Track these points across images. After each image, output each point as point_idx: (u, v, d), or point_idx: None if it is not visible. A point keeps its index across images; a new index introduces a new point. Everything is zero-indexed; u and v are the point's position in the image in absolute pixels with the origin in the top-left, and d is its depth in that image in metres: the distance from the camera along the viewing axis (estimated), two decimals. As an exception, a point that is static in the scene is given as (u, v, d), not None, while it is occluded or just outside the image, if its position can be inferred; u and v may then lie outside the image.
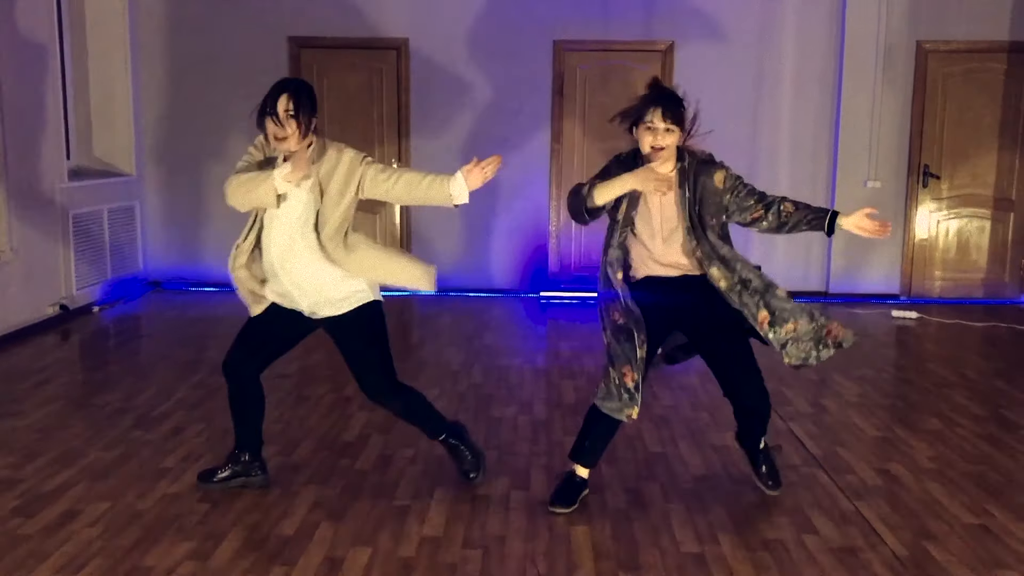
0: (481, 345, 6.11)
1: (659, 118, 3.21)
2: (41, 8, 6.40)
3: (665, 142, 3.23)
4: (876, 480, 3.78)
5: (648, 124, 3.22)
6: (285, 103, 3.24)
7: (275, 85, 3.31)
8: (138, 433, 4.23)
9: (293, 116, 3.23)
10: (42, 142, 6.43)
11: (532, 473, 3.81)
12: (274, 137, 3.26)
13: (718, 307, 3.31)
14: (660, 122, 3.22)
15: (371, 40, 7.75)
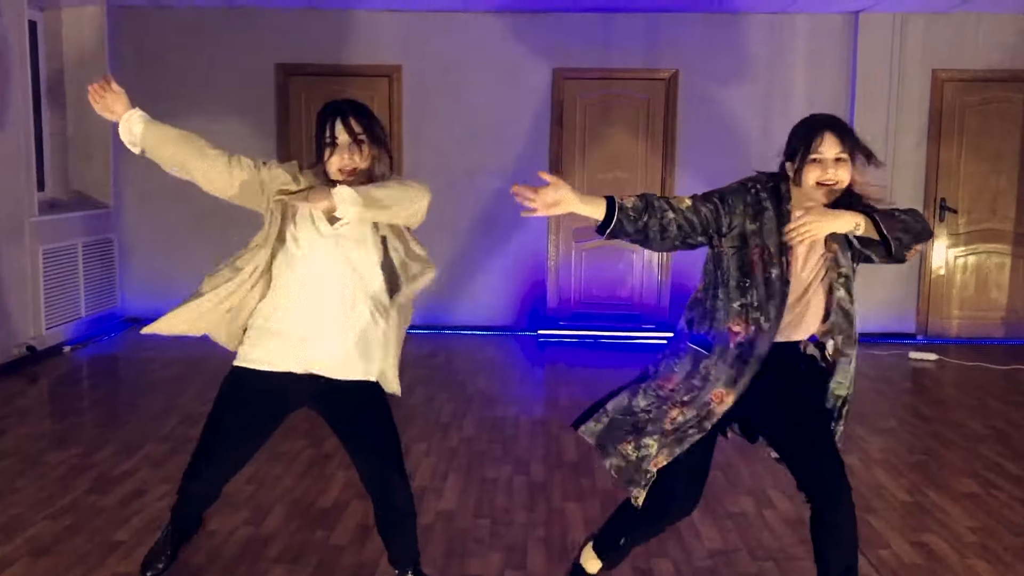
0: (474, 391, 5.72)
1: (831, 145, 2.56)
2: (13, 33, 6.07)
3: (837, 176, 2.56)
4: (913, 557, 3.38)
5: (815, 156, 2.57)
6: (353, 127, 2.67)
7: (327, 109, 2.75)
8: (93, 498, 3.82)
9: (363, 140, 2.68)
10: (11, 175, 6.07)
11: (529, 548, 3.40)
12: (340, 171, 2.69)
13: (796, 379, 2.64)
14: (831, 150, 2.56)
15: (362, 67, 7.44)
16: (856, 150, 2.57)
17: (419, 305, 8.63)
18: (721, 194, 2.63)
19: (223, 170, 2.74)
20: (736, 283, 2.55)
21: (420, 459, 4.38)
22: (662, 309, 7.63)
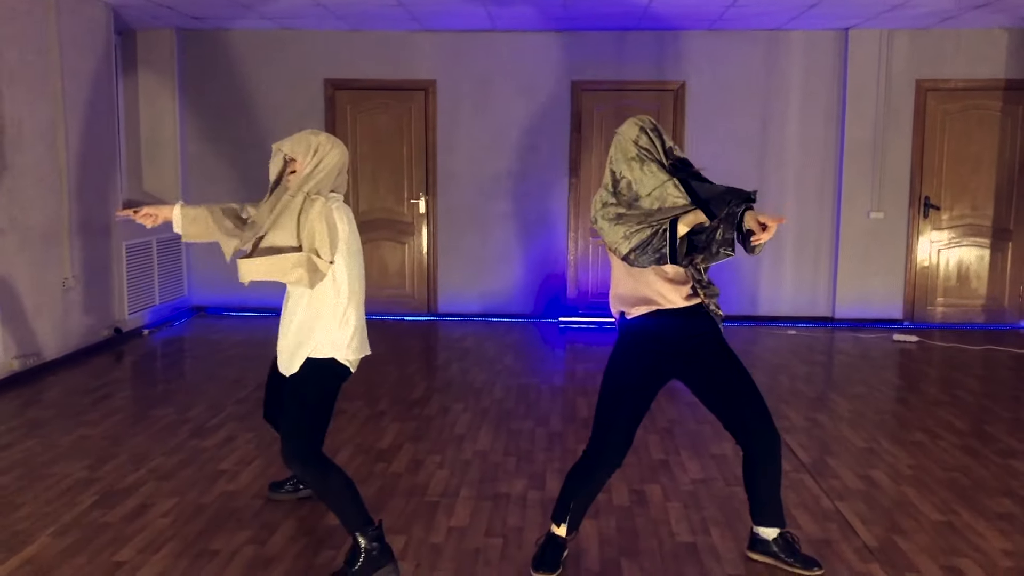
0: (503, 366, 6.57)
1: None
2: (102, 54, 7.00)
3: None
4: (858, 485, 4.19)
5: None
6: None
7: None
8: (195, 441, 4.72)
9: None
10: (101, 177, 7.01)
11: (547, 476, 4.25)
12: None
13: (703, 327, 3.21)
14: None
15: (401, 82, 8.31)
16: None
17: (450, 294, 9.63)
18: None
19: (238, 243, 3.39)
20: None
21: (459, 415, 5.25)
22: (671, 298, 8.43)
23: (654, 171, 3.04)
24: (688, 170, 3.10)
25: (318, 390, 3.21)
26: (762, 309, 8.42)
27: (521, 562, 3.33)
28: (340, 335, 3.23)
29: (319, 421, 3.22)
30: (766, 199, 8.27)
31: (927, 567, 3.34)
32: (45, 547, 3.44)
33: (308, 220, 3.12)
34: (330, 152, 3.26)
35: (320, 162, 3.23)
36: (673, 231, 2.94)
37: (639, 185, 3.03)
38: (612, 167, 3.14)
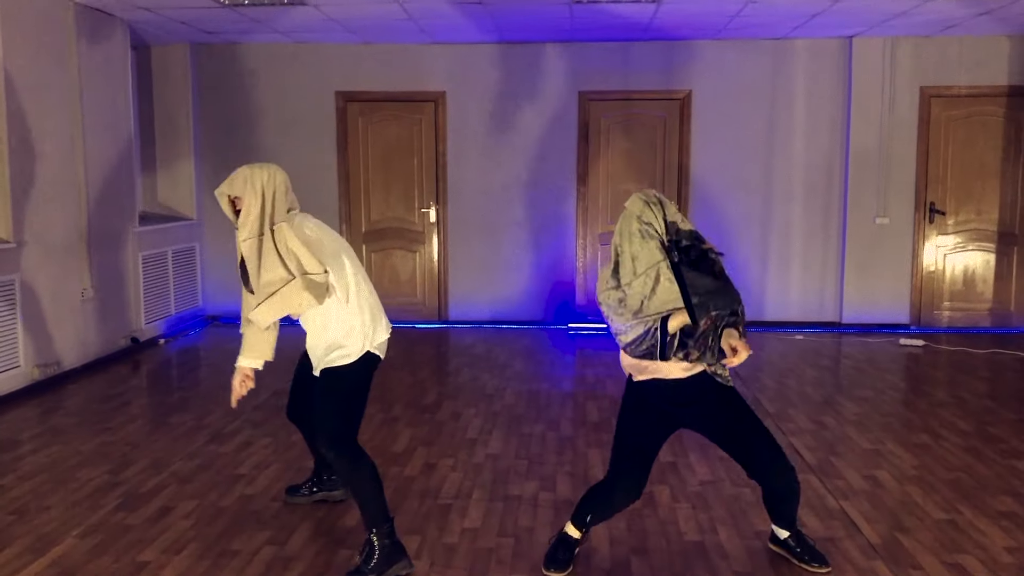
0: (513, 372, 6.67)
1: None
2: (119, 70, 7.15)
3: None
4: (862, 485, 4.27)
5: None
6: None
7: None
8: (213, 446, 4.84)
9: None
10: (117, 190, 7.15)
11: (558, 479, 4.35)
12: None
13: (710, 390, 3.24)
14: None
15: (411, 93, 8.44)
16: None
17: (460, 302, 9.74)
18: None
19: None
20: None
21: (470, 420, 5.35)
22: (679, 304, 8.52)
23: (652, 249, 3.08)
24: (687, 251, 3.13)
25: (352, 382, 3.34)
26: (770, 314, 8.50)
27: (533, 561, 3.43)
28: (355, 335, 3.34)
29: (354, 410, 3.35)
30: (773, 206, 8.37)
31: (930, 564, 3.42)
32: (71, 548, 3.55)
33: (287, 249, 3.25)
34: (269, 180, 3.30)
35: (264, 193, 3.27)
36: (664, 331, 3.05)
37: (636, 261, 3.10)
38: (616, 241, 3.20)
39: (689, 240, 3.15)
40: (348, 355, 3.32)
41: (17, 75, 5.87)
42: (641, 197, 3.18)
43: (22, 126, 5.93)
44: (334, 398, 3.31)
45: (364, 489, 3.28)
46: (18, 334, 5.89)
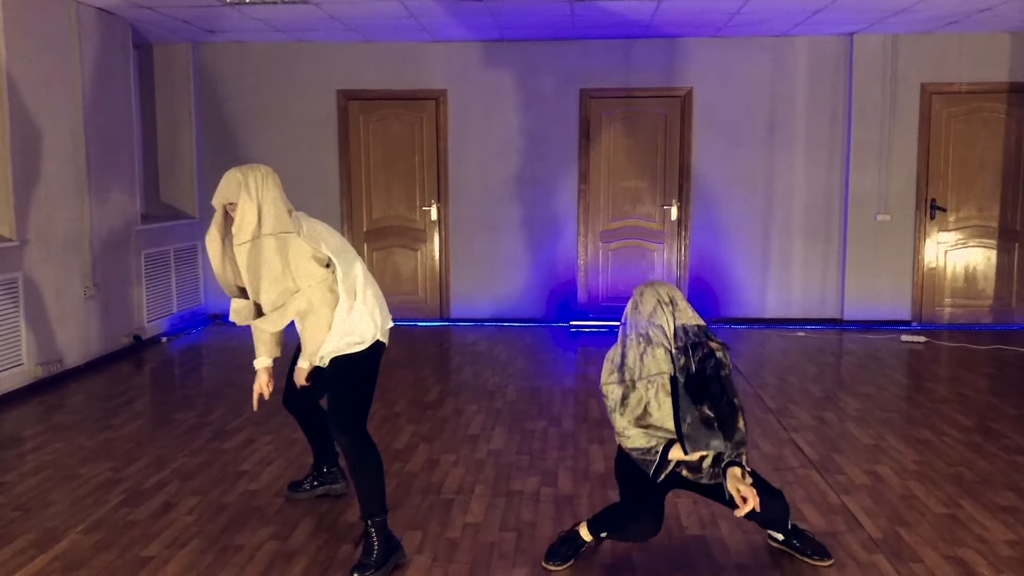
0: (515, 369, 6.68)
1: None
2: (120, 69, 7.16)
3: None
4: (864, 480, 4.28)
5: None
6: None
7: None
8: (216, 443, 4.85)
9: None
10: (120, 189, 7.17)
11: (559, 474, 4.36)
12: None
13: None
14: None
15: (413, 92, 8.45)
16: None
17: (462, 300, 9.75)
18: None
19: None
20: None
21: (472, 416, 5.37)
22: (681, 301, 8.53)
23: (657, 358, 3.12)
24: (694, 352, 3.12)
25: (364, 368, 3.40)
26: (771, 311, 8.51)
27: (535, 555, 3.44)
28: (368, 324, 3.40)
29: (365, 395, 3.41)
30: (774, 203, 8.37)
31: (931, 558, 3.43)
32: (75, 543, 3.57)
33: (297, 258, 3.23)
34: (263, 181, 3.28)
35: (260, 194, 3.25)
36: (664, 457, 3.15)
37: (642, 365, 3.14)
38: (625, 332, 3.21)
39: (697, 336, 3.14)
40: (360, 343, 3.38)
41: (20, 74, 5.88)
42: (654, 296, 3.17)
43: (25, 124, 5.95)
44: (346, 385, 3.35)
45: (369, 477, 3.32)
46: (21, 332, 5.91)
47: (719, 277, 8.52)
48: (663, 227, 8.54)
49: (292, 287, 3.27)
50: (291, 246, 3.24)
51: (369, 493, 3.32)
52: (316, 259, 3.26)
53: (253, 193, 3.26)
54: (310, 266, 3.25)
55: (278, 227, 3.25)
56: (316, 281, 3.25)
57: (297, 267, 3.24)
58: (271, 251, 3.24)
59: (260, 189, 3.27)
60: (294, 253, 3.24)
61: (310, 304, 3.28)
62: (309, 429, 4.00)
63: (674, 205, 8.48)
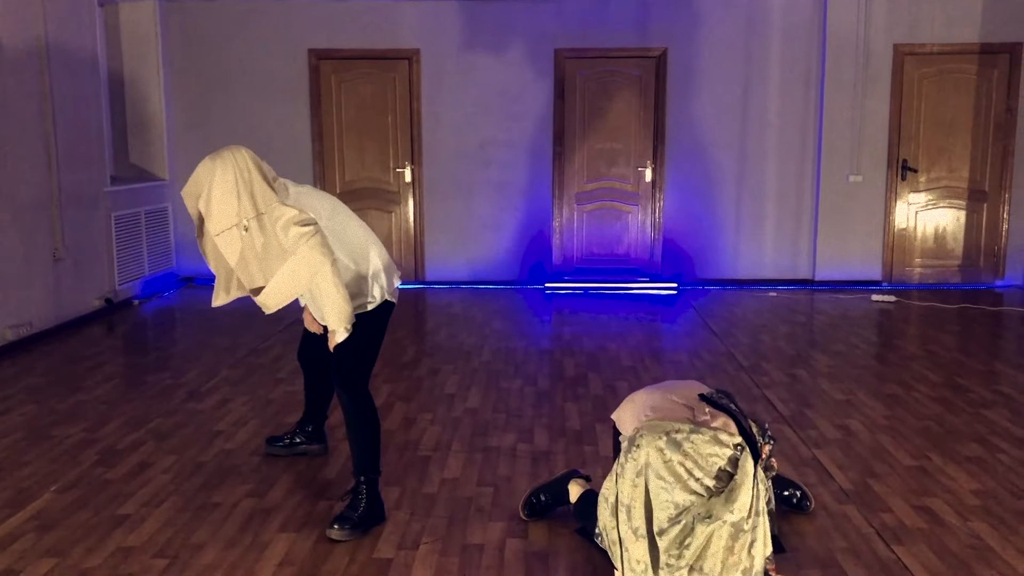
0: (491, 330, 6.70)
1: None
2: (86, 27, 7.01)
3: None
4: (835, 434, 4.35)
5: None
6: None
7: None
8: (191, 404, 4.83)
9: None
10: (87, 150, 7.04)
11: (535, 431, 4.39)
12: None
13: None
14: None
15: (385, 51, 8.35)
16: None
17: (436, 262, 9.71)
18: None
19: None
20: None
21: (448, 376, 5.38)
22: (655, 264, 8.58)
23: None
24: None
25: (371, 327, 3.41)
26: (744, 272, 8.57)
27: (512, 509, 3.47)
28: (376, 286, 3.43)
29: (370, 354, 3.43)
30: (747, 164, 8.40)
31: (899, 507, 3.50)
32: (51, 502, 3.55)
33: (283, 228, 3.11)
34: (240, 167, 3.11)
35: (239, 183, 3.10)
36: None
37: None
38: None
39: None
40: (367, 304, 3.39)
41: (-19, 30, 5.74)
42: (657, 446, 2.73)
43: (-12, 83, 5.82)
44: (352, 343, 3.33)
45: (367, 434, 3.35)
46: (-11, 295, 5.83)
47: (693, 239, 8.55)
48: (638, 189, 8.55)
49: (284, 253, 3.13)
50: (275, 216, 3.12)
51: (365, 450, 3.34)
52: (300, 221, 3.16)
53: (232, 185, 3.08)
54: (296, 229, 3.11)
55: (262, 205, 3.12)
56: (305, 240, 3.09)
57: (285, 234, 3.13)
58: (256, 232, 3.10)
59: (239, 177, 3.10)
60: (279, 222, 3.11)
61: (309, 266, 3.11)
62: (313, 384, 4.00)
63: (648, 167, 8.49)
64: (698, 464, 2.68)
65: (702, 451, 2.69)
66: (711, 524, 2.60)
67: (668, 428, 2.75)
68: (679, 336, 6.61)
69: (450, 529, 3.32)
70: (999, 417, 4.57)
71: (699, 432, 2.72)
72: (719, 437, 2.71)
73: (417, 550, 3.15)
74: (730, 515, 2.61)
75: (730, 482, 2.67)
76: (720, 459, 2.69)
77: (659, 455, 2.70)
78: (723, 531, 2.61)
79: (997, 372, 5.45)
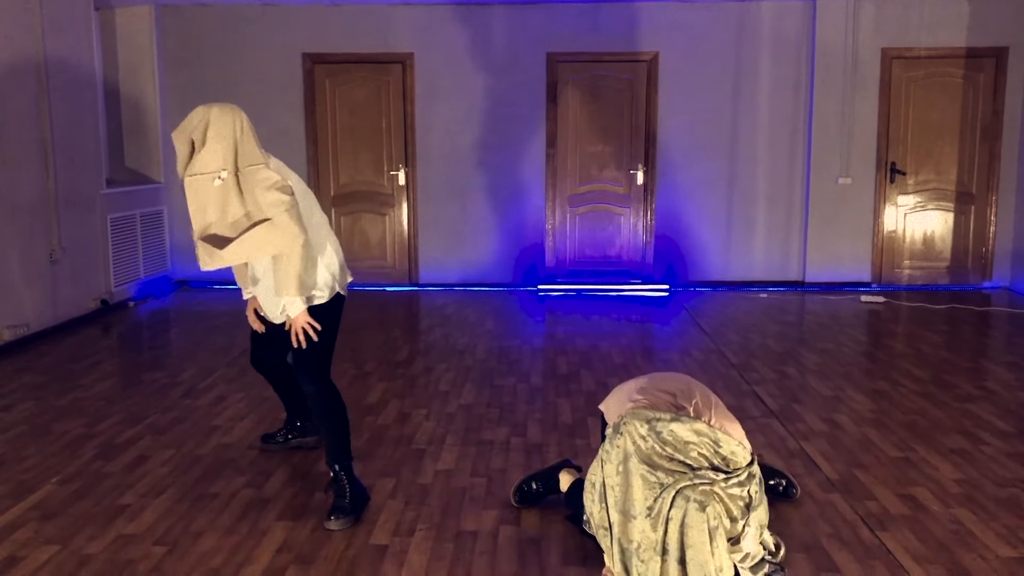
0: (484, 330, 6.76)
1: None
2: (82, 32, 7.08)
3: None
4: (822, 427, 4.43)
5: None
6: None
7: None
8: (188, 401, 4.89)
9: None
10: (84, 153, 7.11)
11: (528, 425, 4.46)
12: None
13: None
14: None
15: (379, 55, 8.43)
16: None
17: (430, 265, 9.76)
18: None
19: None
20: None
21: (442, 374, 5.45)
22: (647, 265, 8.67)
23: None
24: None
25: (324, 321, 3.42)
26: (735, 274, 8.66)
27: (506, 499, 3.54)
28: (329, 276, 3.43)
29: (328, 345, 3.46)
30: (738, 167, 8.50)
31: (884, 495, 3.58)
32: (51, 494, 3.61)
33: (262, 191, 3.16)
34: (235, 120, 3.19)
35: (236, 134, 3.17)
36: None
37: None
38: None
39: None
40: (321, 296, 3.41)
41: (-20, 33, 5.80)
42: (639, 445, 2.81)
43: (-14, 85, 5.88)
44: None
45: (336, 423, 3.41)
46: (-13, 295, 5.88)
47: (684, 241, 8.64)
48: (629, 192, 8.64)
49: (260, 216, 3.19)
50: (259, 176, 3.19)
51: (338, 439, 3.42)
52: (282, 188, 3.24)
53: (226, 134, 3.16)
54: (278, 195, 3.18)
55: (244, 162, 3.19)
56: (284, 208, 3.17)
57: (264, 196, 3.19)
58: (231, 186, 3.16)
59: (236, 128, 3.19)
60: (262, 183, 3.18)
61: (286, 235, 3.17)
62: (279, 386, 4.03)
63: (640, 170, 8.58)
64: (678, 450, 2.77)
65: (681, 437, 2.78)
66: (693, 504, 2.67)
67: (650, 416, 2.84)
68: (670, 336, 6.69)
69: (444, 517, 3.39)
70: (983, 411, 4.66)
71: (679, 420, 2.81)
72: (695, 427, 2.80)
73: (412, 536, 3.22)
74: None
75: (711, 469, 2.76)
76: (698, 447, 2.78)
77: (642, 441, 2.79)
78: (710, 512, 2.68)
79: (983, 369, 5.54)
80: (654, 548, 2.71)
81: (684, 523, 2.66)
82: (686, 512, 2.66)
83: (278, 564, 3.02)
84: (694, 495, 2.68)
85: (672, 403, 2.92)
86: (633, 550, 2.75)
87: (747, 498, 2.77)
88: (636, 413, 2.87)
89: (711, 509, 2.67)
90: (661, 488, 2.73)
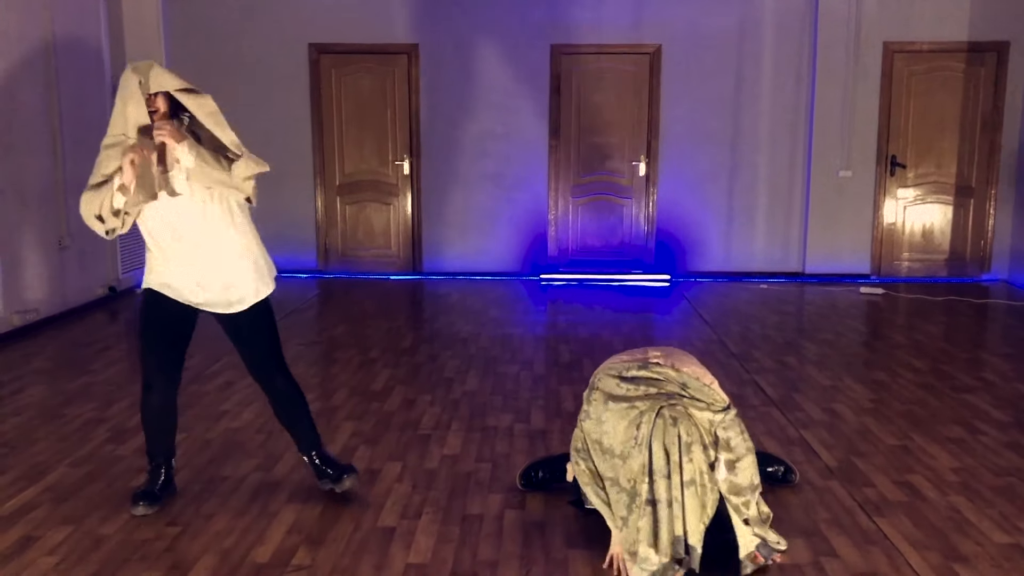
0: (487, 318, 6.83)
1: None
2: (91, 20, 7.13)
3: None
4: (821, 416, 4.50)
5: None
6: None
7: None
8: (196, 387, 4.96)
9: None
10: (92, 140, 7.14)
11: (532, 412, 4.53)
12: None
13: None
14: None
15: (384, 46, 8.48)
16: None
17: (434, 254, 9.81)
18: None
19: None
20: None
21: (447, 361, 5.52)
22: (648, 255, 8.73)
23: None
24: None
25: (272, 311, 3.47)
26: (735, 265, 8.72)
27: (510, 483, 3.61)
28: (272, 265, 3.52)
29: (278, 336, 3.50)
30: (739, 159, 8.55)
31: (882, 482, 3.65)
32: (64, 476, 3.68)
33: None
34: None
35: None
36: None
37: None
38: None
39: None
40: (271, 283, 3.42)
41: (-10, 21, 5.85)
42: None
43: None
44: (270, 330, 3.41)
45: (307, 409, 3.52)
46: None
47: (685, 232, 8.70)
48: (632, 183, 8.69)
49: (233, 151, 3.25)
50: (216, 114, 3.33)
51: (312, 424, 3.52)
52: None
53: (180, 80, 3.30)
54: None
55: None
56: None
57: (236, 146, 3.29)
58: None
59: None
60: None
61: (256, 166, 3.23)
62: (162, 421, 3.49)
63: (642, 161, 8.63)
64: (650, 383, 2.97)
65: (649, 376, 3.00)
66: (668, 420, 2.84)
67: (620, 369, 3.06)
68: (671, 325, 6.76)
69: (451, 501, 3.46)
70: (981, 402, 4.73)
71: (646, 367, 3.03)
72: (663, 371, 3.00)
73: (419, 519, 3.29)
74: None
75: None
76: (667, 384, 2.96)
77: (615, 388, 2.99)
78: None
79: (981, 360, 5.61)
80: (643, 473, 2.83)
81: (665, 442, 2.81)
82: (664, 431, 2.82)
83: (288, 545, 3.10)
84: (670, 412, 2.86)
85: (643, 358, 3.10)
86: (629, 498, 2.85)
87: (714, 436, 2.87)
88: (607, 368, 3.11)
89: (683, 425, 2.83)
90: (640, 415, 2.89)
